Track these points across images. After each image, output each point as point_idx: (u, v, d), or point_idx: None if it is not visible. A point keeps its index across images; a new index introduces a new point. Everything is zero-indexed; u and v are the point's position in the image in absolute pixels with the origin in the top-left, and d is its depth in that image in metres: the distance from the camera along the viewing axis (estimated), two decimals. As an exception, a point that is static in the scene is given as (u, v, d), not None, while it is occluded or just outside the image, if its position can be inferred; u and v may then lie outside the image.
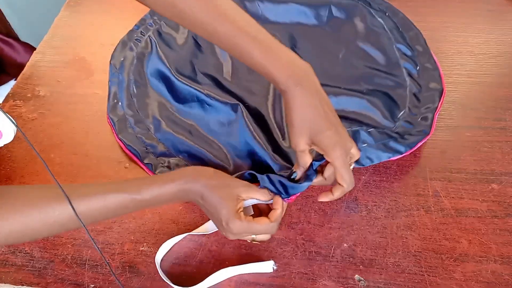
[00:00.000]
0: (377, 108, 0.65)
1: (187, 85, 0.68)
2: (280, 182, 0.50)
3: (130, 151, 0.64)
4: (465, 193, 0.58)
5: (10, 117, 0.42)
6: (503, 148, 0.62)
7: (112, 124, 0.67)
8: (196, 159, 0.62)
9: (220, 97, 0.67)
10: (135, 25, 0.79)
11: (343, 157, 0.47)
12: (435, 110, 0.63)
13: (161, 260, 0.55)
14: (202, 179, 0.48)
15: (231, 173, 0.58)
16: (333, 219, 0.57)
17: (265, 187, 0.51)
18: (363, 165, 0.59)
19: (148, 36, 0.76)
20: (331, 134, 0.47)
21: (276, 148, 0.62)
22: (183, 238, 0.56)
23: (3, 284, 0.54)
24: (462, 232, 0.55)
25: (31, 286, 0.54)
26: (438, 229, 0.55)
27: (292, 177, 0.51)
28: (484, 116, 0.66)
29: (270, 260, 0.53)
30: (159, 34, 0.76)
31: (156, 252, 0.55)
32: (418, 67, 0.69)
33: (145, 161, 0.62)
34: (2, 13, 1.21)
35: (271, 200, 0.51)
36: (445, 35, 0.77)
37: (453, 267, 0.52)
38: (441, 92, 0.65)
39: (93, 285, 0.53)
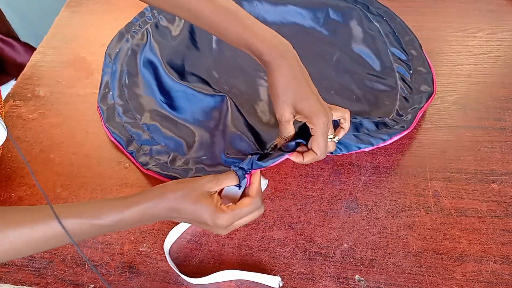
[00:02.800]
0: (365, 116, 0.65)
1: (173, 80, 0.69)
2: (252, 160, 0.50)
3: (115, 138, 0.65)
4: (465, 193, 0.58)
5: (1, 121, 0.41)
6: (503, 148, 0.62)
7: (101, 112, 0.68)
8: (177, 148, 0.64)
9: (206, 91, 0.68)
10: (134, 17, 0.79)
11: (325, 125, 0.49)
12: (419, 110, 0.64)
13: (170, 248, 0.55)
14: (167, 195, 0.46)
15: (208, 167, 0.61)
16: (333, 219, 0.57)
17: (232, 170, 0.49)
18: (332, 153, 0.59)
19: (146, 28, 0.77)
20: (314, 101, 0.49)
21: (257, 140, 0.63)
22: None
23: (3, 284, 0.54)
24: (462, 232, 0.55)
25: (31, 286, 0.54)
26: (438, 229, 0.55)
27: (269, 150, 0.51)
28: (484, 116, 0.66)
29: (277, 276, 0.52)
30: (156, 26, 0.77)
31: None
32: (411, 71, 0.69)
33: (129, 149, 0.64)
34: (2, 13, 1.21)
35: (244, 182, 0.49)
36: (445, 35, 0.77)
37: (453, 267, 0.52)
38: (430, 95, 0.66)
39: (92, 285, 0.53)
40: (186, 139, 0.64)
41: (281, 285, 0.52)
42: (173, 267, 0.53)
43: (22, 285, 0.54)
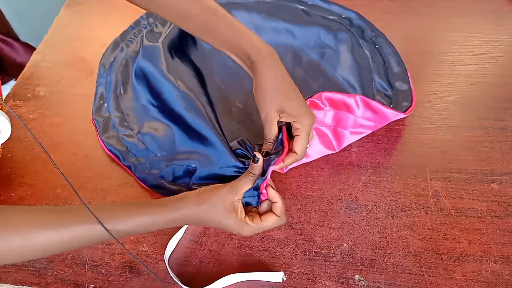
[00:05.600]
0: None
1: (162, 78, 0.67)
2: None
3: (111, 151, 0.64)
4: (465, 193, 0.58)
5: (15, 113, 0.42)
6: (503, 148, 0.62)
7: (97, 125, 0.67)
8: (171, 157, 0.63)
9: (190, 91, 0.66)
10: (130, 25, 0.79)
11: (310, 127, 0.50)
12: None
13: (168, 259, 0.55)
14: (191, 209, 0.48)
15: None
16: (333, 219, 0.57)
17: (245, 173, 0.50)
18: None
19: (140, 37, 0.77)
20: (301, 103, 0.50)
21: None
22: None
23: (3, 284, 0.54)
24: (462, 232, 0.55)
25: (31, 286, 0.54)
26: (438, 229, 0.55)
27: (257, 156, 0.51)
28: (484, 116, 0.66)
29: (280, 271, 0.52)
30: (151, 32, 0.76)
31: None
32: (391, 105, 0.66)
33: (125, 163, 0.63)
34: (2, 13, 1.21)
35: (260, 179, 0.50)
36: (445, 35, 0.77)
37: (453, 267, 0.52)
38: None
39: (93, 285, 0.53)
40: (178, 149, 0.63)
41: (285, 279, 0.52)
42: (176, 280, 0.52)
43: (22, 285, 0.54)
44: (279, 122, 0.51)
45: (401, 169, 0.61)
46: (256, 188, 0.50)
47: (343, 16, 0.78)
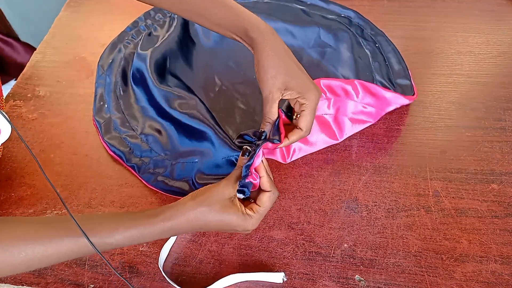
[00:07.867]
0: None
1: (156, 86, 0.67)
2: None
3: (114, 153, 0.64)
4: (465, 193, 0.58)
5: (7, 117, 0.41)
6: (503, 148, 0.62)
7: (98, 126, 0.67)
8: (176, 156, 0.63)
9: (177, 91, 0.67)
10: (127, 26, 0.79)
11: (317, 101, 0.49)
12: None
13: (164, 262, 0.55)
14: (188, 215, 0.45)
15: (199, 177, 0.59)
16: (333, 219, 0.57)
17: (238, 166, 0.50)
18: None
19: (139, 39, 0.77)
20: (306, 78, 0.49)
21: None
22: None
23: (3, 284, 0.54)
24: (462, 232, 0.55)
25: (31, 286, 0.54)
26: (438, 229, 0.55)
27: (263, 137, 0.52)
28: (484, 116, 0.66)
29: (281, 272, 0.52)
30: (149, 35, 0.76)
31: (157, 253, 0.55)
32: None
33: (129, 163, 0.63)
34: (2, 13, 1.21)
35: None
36: (445, 35, 0.77)
37: (453, 267, 0.52)
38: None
39: (92, 285, 0.53)
40: (181, 148, 0.63)
41: (285, 279, 0.52)
42: (173, 284, 0.52)
43: (22, 285, 0.54)
44: (281, 101, 0.51)
45: (401, 169, 0.61)
46: (245, 176, 0.49)
47: (342, 15, 0.78)
